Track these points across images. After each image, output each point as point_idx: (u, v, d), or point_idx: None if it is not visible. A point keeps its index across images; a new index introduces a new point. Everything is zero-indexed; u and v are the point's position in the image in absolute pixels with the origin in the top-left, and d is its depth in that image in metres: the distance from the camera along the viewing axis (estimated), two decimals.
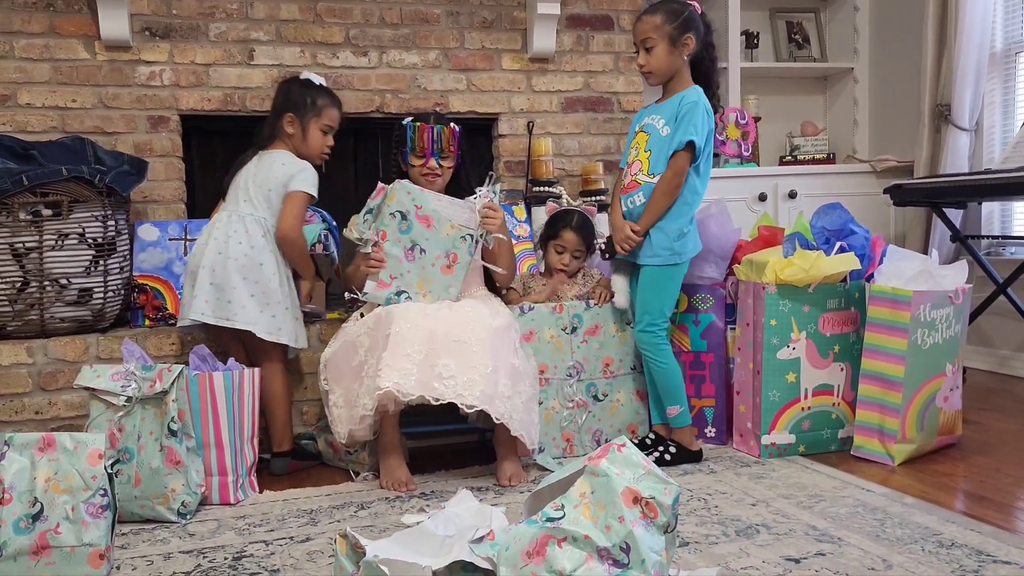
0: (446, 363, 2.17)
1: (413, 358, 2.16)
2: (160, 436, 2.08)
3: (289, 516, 2.10)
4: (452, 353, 2.18)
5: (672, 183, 2.35)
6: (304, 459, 2.54)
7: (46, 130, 2.86)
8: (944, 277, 2.45)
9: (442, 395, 2.14)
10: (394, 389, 2.12)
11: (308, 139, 2.56)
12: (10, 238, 2.44)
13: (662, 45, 2.36)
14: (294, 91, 2.57)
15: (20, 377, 2.48)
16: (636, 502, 1.43)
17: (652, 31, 2.36)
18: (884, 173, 3.93)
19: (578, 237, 2.67)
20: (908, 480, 2.24)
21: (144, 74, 2.96)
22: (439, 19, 3.25)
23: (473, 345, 2.20)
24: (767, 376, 2.46)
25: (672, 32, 2.35)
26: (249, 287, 2.40)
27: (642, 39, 2.39)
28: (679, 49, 2.37)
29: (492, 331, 2.25)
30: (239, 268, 2.39)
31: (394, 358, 2.15)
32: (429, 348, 2.19)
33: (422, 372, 2.16)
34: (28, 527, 1.80)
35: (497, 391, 2.18)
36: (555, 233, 2.70)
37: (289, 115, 2.55)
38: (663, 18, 2.36)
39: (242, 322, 2.38)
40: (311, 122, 2.55)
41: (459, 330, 2.23)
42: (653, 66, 2.39)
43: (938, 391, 2.43)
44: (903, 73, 4.07)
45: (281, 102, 2.58)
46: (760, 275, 2.49)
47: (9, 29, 2.83)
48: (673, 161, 2.35)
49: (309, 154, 2.57)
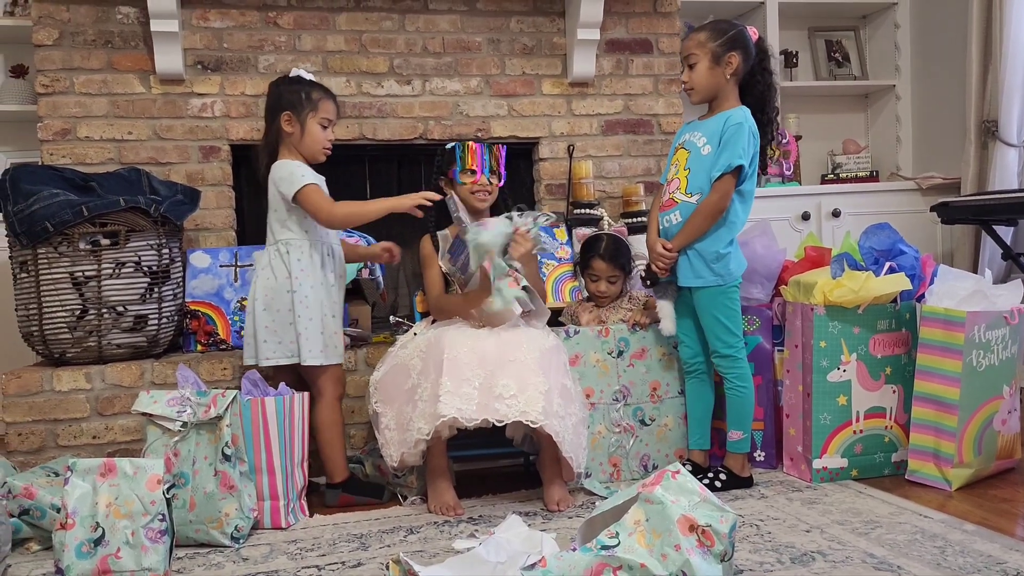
0: (505, 383, 2.17)
1: (472, 382, 2.17)
2: (214, 461, 2.12)
3: (340, 540, 2.12)
4: (509, 373, 2.18)
5: (717, 206, 2.34)
6: (359, 493, 2.44)
7: (103, 162, 2.95)
8: (999, 297, 2.41)
9: (505, 415, 2.14)
10: (457, 416, 2.13)
11: (307, 135, 2.43)
12: (70, 267, 2.51)
13: (704, 62, 2.36)
14: (286, 89, 2.46)
15: (79, 402, 2.54)
16: (692, 530, 1.43)
17: (695, 47, 2.36)
18: (929, 191, 3.88)
19: (608, 264, 2.68)
20: (967, 506, 2.19)
21: (196, 106, 3.04)
22: (480, 47, 3.29)
23: (529, 364, 2.21)
24: (817, 399, 2.43)
25: (716, 49, 2.35)
26: (268, 318, 2.37)
27: (685, 55, 2.39)
28: (722, 67, 2.36)
29: (543, 351, 2.27)
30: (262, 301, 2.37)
31: (454, 383, 2.16)
32: (486, 370, 2.19)
33: (482, 395, 2.16)
34: (90, 552, 1.84)
35: (553, 410, 2.18)
36: (586, 263, 2.73)
37: (286, 114, 2.42)
38: (707, 35, 2.36)
39: (262, 357, 2.37)
40: (308, 117, 2.42)
41: (512, 350, 2.23)
42: (695, 82, 2.39)
43: (995, 414, 2.38)
44: (946, 89, 4.03)
45: (274, 102, 2.46)
46: (808, 296, 2.47)
47: (70, 66, 2.93)
48: (719, 184, 2.33)
49: (311, 151, 2.45)
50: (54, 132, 2.92)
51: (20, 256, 2.55)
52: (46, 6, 2.91)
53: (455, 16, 3.27)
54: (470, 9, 3.28)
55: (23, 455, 2.50)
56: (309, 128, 2.43)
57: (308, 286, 2.37)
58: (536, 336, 2.31)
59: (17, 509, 2.09)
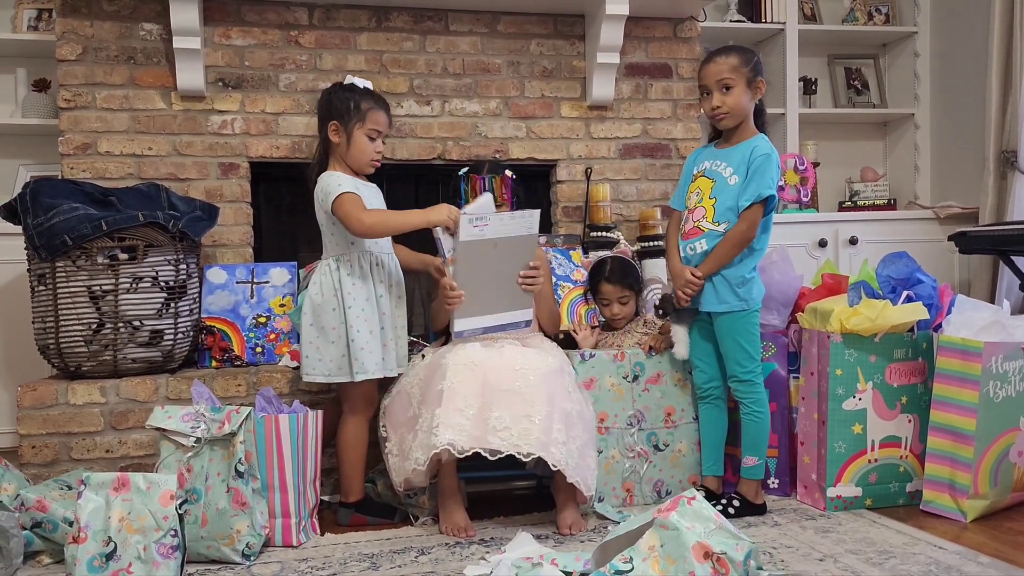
0: (499, 415, 2.16)
1: (466, 413, 2.17)
2: (227, 477, 2.12)
3: (351, 560, 2.11)
4: (504, 404, 2.18)
5: (746, 236, 2.34)
6: (372, 514, 2.43)
7: (123, 176, 2.97)
8: (1016, 328, 2.39)
9: (498, 447, 2.14)
10: (449, 447, 2.13)
11: (353, 146, 2.40)
12: (88, 281, 2.52)
13: (740, 86, 2.34)
14: (336, 97, 2.42)
15: (93, 416, 2.55)
16: (707, 557, 1.42)
17: (730, 72, 2.33)
18: (947, 220, 3.87)
19: (615, 286, 2.71)
20: (982, 538, 2.17)
21: (216, 123, 3.06)
22: (500, 69, 3.31)
23: (525, 393, 2.20)
24: (832, 427, 2.41)
25: (748, 74, 2.34)
26: (310, 334, 2.39)
27: (719, 79, 2.34)
28: (752, 92, 2.37)
29: (543, 376, 2.25)
30: (310, 316, 2.40)
31: (448, 414, 2.16)
32: (482, 401, 2.19)
33: (476, 427, 2.16)
34: (102, 566, 1.84)
35: (551, 437, 2.17)
36: (595, 288, 2.74)
37: (333, 123, 2.40)
38: (740, 59, 2.34)
39: (304, 373, 2.39)
40: (355, 128, 2.39)
41: (511, 378, 2.23)
42: (731, 106, 2.35)
43: (1011, 446, 2.36)
44: (966, 119, 4.02)
45: (324, 111, 2.44)
46: (825, 324, 2.46)
47: (92, 81, 2.96)
48: (747, 214, 2.33)
49: (358, 163, 2.42)
50: (75, 146, 2.95)
51: (38, 269, 2.57)
52: (70, 21, 2.95)
53: (476, 38, 3.29)
54: (491, 31, 3.30)
55: (37, 468, 2.51)
56: (356, 139, 2.40)
57: (354, 301, 2.35)
58: (536, 361, 2.30)
59: (29, 522, 2.10)
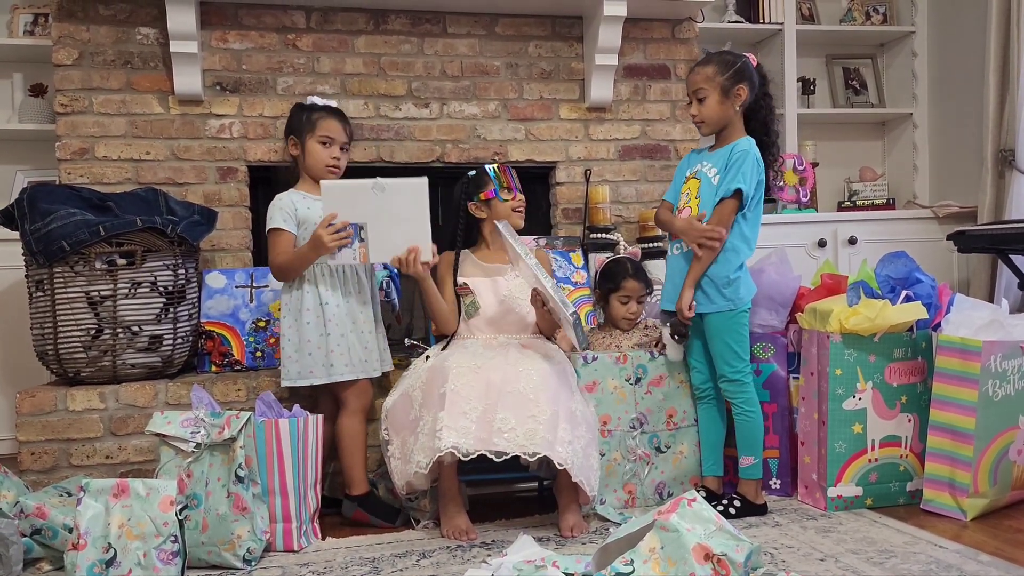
0: (504, 416, 2.16)
1: (470, 415, 2.17)
2: (227, 482, 2.11)
3: (352, 564, 2.11)
4: (508, 405, 2.18)
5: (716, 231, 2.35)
6: (375, 513, 2.45)
7: (121, 181, 2.97)
8: (1015, 327, 2.39)
9: (504, 449, 2.14)
10: (453, 450, 2.13)
11: (308, 156, 2.53)
12: (86, 286, 2.52)
13: (714, 96, 2.39)
14: (293, 115, 2.59)
15: (92, 422, 2.55)
16: (708, 559, 1.42)
17: (704, 82, 2.39)
18: (946, 219, 3.87)
19: (640, 283, 2.70)
20: (982, 536, 2.17)
21: (214, 127, 3.06)
22: (498, 71, 3.31)
23: (529, 393, 2.20)
24: (833, 427, 2.41)
25: (724, 83, 2.38)
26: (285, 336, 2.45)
27: (694, 90, 2.42)
28: (731, 99, 2.39)
29: (547, 376, 2.26)
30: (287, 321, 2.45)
31: (451, 417, 2.16)
32: (486, 403, 2.19)
33: (480, 429, 2.16)
34: (102, 572, 1.84)
35: (557, 436, 2.17)
36: (616, 285, 2.70)
37: (292, 138, 2.56)
38: (715, 69, 2.39)
39: (284, 378, 2.44)
40: (307, 138, 2.52)
41: (514, 379, 2.23)
42: (705, 116, 2.41)
43: (1011, 444, 2.36)
44: (964, 118, 4.02)
45: (286, 130, 2.61)
46: (824, 324, 2.46)
47: (89, 85, 2.96)
48: (719, 208, 2.36)
49: (315, 171, 2.52)
50: (72, 151, 2.95)
51: (36, 275, 2.56)
52: (66, 26, 2.95)
53: (474, 40, 3.29)
54: (489, 33, 3.30)
55: (36, 474, 2.51)
56: (309, 148, 2.53)
57: (334, 304, 2.42)
58: (539, 361, 2.31)
59: (29, 529, 2.09)
